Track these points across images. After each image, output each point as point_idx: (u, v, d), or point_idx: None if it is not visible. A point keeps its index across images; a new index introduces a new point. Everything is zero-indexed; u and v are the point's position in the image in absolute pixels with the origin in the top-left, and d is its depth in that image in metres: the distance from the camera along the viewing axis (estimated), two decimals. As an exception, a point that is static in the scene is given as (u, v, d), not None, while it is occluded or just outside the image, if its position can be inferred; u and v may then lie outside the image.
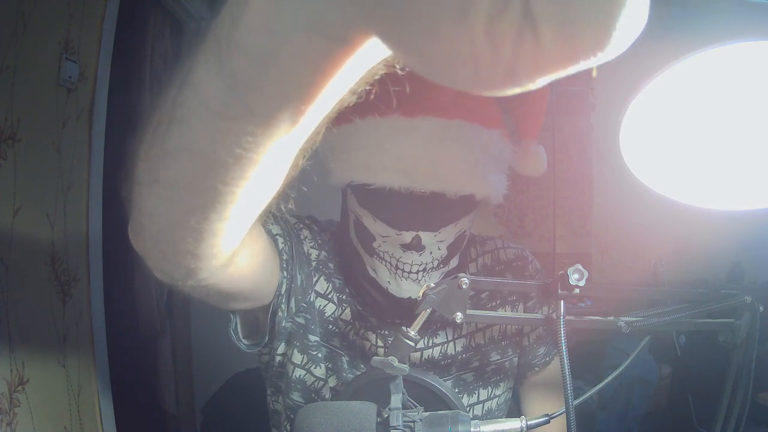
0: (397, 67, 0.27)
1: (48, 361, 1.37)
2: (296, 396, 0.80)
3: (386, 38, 0.19)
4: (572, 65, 0.18)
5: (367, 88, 0.29)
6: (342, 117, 0.73)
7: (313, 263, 0.81)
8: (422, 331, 0.60)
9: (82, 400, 1.49)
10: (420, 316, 0.60)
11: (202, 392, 2.20)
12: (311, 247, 0.81)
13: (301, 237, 0.81)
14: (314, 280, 0.80)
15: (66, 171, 1.46)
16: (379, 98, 0.28)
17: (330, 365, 0.80)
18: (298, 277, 0.76)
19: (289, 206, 0.43)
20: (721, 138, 0.53)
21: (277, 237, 0.75)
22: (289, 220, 0.81)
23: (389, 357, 0.59)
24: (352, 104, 0.30)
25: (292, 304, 0.75)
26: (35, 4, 1.29)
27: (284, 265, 0.73)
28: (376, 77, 0.28)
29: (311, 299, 0.79)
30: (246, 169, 0.31)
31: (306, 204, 0.57)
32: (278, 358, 0.80)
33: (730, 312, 0.67)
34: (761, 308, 0.66)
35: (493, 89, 0.19)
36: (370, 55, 0.24)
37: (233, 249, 0.44)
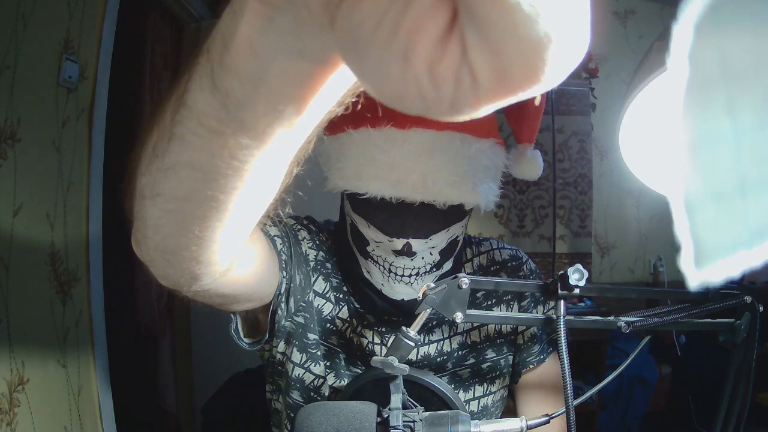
0: None
1: (48, 361, 1.37)
2: (296, 395, 0.81)
3: (350, 69, 0.21)
4: (512, 97, 0.19)
5: (354, 99, 0.30)
6: (336, 127, 0.75)
7: (311, 263, 0.82)
8: (419, 329, 0.60)
9: (82, 400, 1.50)
10: (420, 316, 0.60)
11: (202, 392, 2.20)
12: (309, 248, 0.82)
13: (299, 237, 0.82)
14: (312, 279, 0.81)
15: (66, 171, 1.46)
16: (371, 110, 0.29)
17: (328, 363, 0.81)
18: (297, 277, 0.77)
19: (287, 211, 0.45)
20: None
21: (275, 238, 0.76)
22: (287, 221, 0.82)
23: (389, 357, 0.59)
24: (346, 114, 0.32)
25: (291, 303, 0.77)
26: (35, 4, 1.29)
27: (283, 266, 0.75)
28: (362, 89, 0.29)
29: (310, 298, 0.80)
30: (243, 179, 0.33)
31: (307, 205, 0.57)
32: (278, 356, 0.81)
33: (730, 312, 0.67)
34: (761, 308, 0.66)
35: (443, 118, 0.21)
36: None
37: (235, 253, 0.46)
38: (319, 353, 0.81)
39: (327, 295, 0.82)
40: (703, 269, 0.19)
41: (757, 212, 0.20)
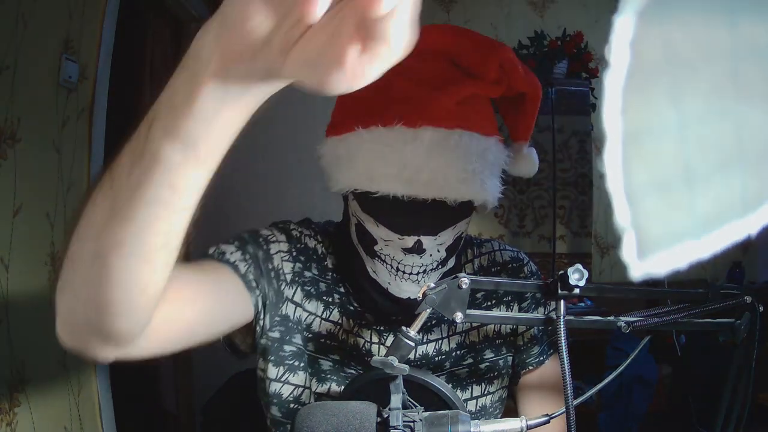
0: None
1: (48, 361, 1.38)
2: (274, 410, 0.81)
3: (303, 81, 0.32)
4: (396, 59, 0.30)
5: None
6: (343, 127, 0.75)
7: (288, 275, 0.80)
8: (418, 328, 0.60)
9: (82, 400, 1.50)
10: (420, 316, 0.60)
11: (202, 392, 2.20)
12: (284, 260, 0.80)
13: (272, 252, 0.79)
14: (292, 291, 0.80)
15: (66, 171, 1.46)
16: (382, 109, 0.33)
17: (311, 370, 0.81)
18: (270, 293, 0.77)
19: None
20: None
21: (237, 264, 0.74)
22: (262, 233, 0.80)
23: (389, 357, 0.59)
24: (355, 114, 0.38)
25: (267, 320, 0.77)
26: (35, 4, 1.29)
27: (254, 285, 0.74)
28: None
29: (284, 312, 0.80)
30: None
31: (306, 206, 0.57)
32: (260, 374, 0.82)
33: (730, 312, 0.67)
34: (761, 308, 0.66)
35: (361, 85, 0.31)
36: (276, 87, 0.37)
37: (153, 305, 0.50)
38: (298, 363, 0.80)
39: (311, 303, 0.81)
40: (645, 259, 0.19)
41: (703, 202, 0.20)
